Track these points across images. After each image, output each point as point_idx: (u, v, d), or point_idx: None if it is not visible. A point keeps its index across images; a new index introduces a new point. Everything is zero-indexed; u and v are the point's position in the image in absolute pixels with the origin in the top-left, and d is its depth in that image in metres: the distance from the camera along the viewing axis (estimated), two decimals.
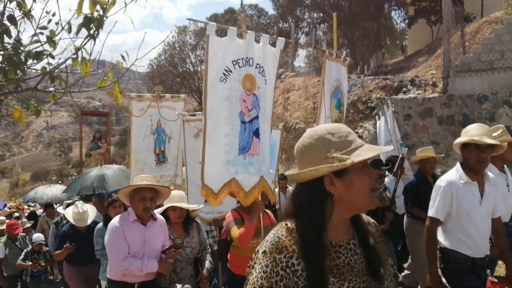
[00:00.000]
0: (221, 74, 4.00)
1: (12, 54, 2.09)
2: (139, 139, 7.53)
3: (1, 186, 49.74)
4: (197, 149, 5.91)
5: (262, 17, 40.97)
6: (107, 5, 2.04)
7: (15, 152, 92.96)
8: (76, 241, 5.80)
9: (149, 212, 3.91)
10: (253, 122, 4.31)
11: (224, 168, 4.07)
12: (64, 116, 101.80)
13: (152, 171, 7.33)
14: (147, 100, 7.57)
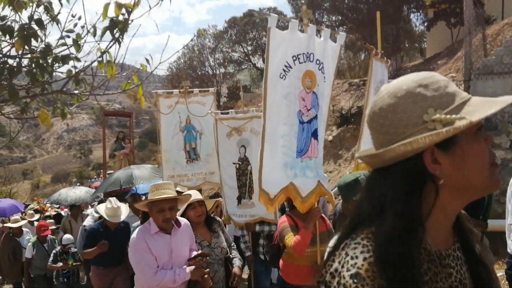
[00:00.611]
0: (281, 70, 3.76)
1: (40, 57, 2.13)
2: (168, 137, 7.29)
3: (23, 187, 50.67)
4: (231, 149, 5.96)
5: (281, 20, 40.93)
6: (132, 8, 2.07)
7: (36, 154, 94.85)
8: (106, 239, 5.56)
9: (171, 223, 3.62)
10: (311, 122, 4.03)
11: (281, 171, 3.82)
12: (84, 118, 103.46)
13: (184, 169, 7.22)
14: (175, 96, 7.29)
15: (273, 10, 41.64)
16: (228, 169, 6.03)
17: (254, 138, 5.77)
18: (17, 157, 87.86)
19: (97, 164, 65.04)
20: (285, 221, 4.02)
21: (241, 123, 5.94)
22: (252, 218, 5.77)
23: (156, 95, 7.24)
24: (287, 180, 3.80)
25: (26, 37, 1.99)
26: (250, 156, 5.88)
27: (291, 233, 3.84)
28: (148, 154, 43.83)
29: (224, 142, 6.05)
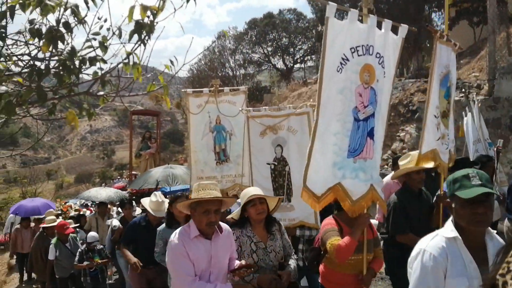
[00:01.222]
0: (338, 63, 3.48)
1: (67, 59, 2.17)
2: (198, 137, 7.00)
3: (47, 187, 51.77)
4: (264, 148, 5.67)
5: (301, 21, 40.88)
6: (157, 10, 2.09)
7: (60, 154, 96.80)
8: (144, 235, 5.36)
9: (214, 227, 3.31)
10: (368, 120, 3.70)
11: (329, 170, 3.54)
12: (107, 120, 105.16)
13: (213, 171, 6.97)
14: (205, 95, 6.96)
15: (294, 11, 41.57)
16: (262, 170, 5.73)
17: (291, 137, 5.51)
18: (42, 157, 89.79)
19: (119, 165, 65.97)
20: (330, 223, 3.71)
21: (277, 121, 5.62)
22: (292, 222, 5.45)
23: (185, 94, 7.02)
24: (333, 180, 3.54)
25: (53, 39, 2.03)
26: (288, 156, 5.57)
27: (335, 237, 3.54)
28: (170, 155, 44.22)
29: (257, 141, 5.74)
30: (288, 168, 5.55)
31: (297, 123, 5.47)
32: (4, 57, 2.27)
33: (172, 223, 4.82)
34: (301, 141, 5.35)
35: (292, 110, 5.58)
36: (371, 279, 3.84)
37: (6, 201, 26.22)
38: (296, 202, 5.40)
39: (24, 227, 10.94)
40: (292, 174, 5.50)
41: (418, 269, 2.23)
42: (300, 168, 5.12)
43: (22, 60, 2.35)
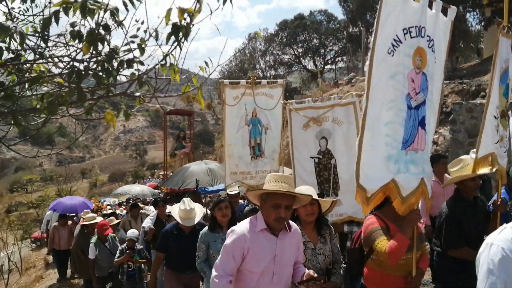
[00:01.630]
0: (390, 45, 3.21)
1: (105, 61, 2.22)
2: (233, 130, 6.69)
3: (82, 186, 53.19)
4: (308, 141, 5.45)
5: (332, 22, 40.61)
6: (193, 13, 2.12)
7: (94, 154, 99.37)
8: (178, 242, 5.21)
9: (283, 223, 3.04)
10: (419, 108, 3.42)
11: (383, 165, 3.24)
12: (140, 120, 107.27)
13: (247, 166, 6.72)
14: (242, 87, 6.69)
15: (324, 13, 41.33)
16: (305, 164, 5.48)
17: (337, 129, 5.29)
18: (77, 156, 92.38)
19: (151, 164, 67.18)
20: (374, 222, 3.44)
21: (321, 112, 5.37)
22: (340, 217, 5.20)
23: (222, 85, 6.71)
24: (389, 176, 3.22)
25: (94, 41, 2.08)
26: (333, 148, 5.34)
27: (383, 237, 3.28)
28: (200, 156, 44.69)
29: (300, 134, 5.50)
30: (334, 161, 5.33)
31: (343, 113, 5.26)
32: (45, 59, 2.35)
33: (215, 227, 4.69)
34: (348, 132, 5.20)
35: (337, 101, 5.35)
36: (421, 280, 3.63)
37: (43, 199, 27.10)
38: (344, 197, 5.25)
39: (62, 225, 11.17)
40: (339, 167, 5.29)
41: (485, 264, 2.07)
42: (347, 160, 5.11)
43: (62, 62, 2.43)
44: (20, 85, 2.43)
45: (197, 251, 4.64)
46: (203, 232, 4.71)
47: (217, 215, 4.64)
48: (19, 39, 2.06)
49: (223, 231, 4.54)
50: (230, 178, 6.67)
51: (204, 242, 4.62)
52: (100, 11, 2.17)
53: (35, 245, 20.29)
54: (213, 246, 4.56)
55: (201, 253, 4.61)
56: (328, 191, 5.36)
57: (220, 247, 4.30)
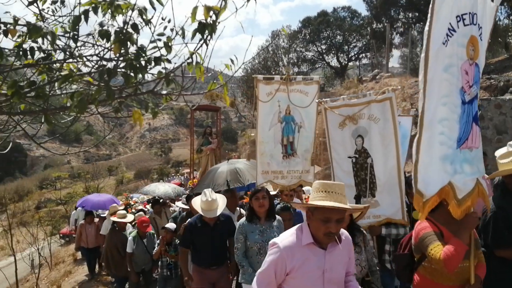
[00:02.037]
0: (444, 34, 2.95)
1: (133, 59, 2.25)
2: (265, 128, 6.45)
3: (109, 183, 54.19)
4: (344, 141, 5.27)
5: (355, 18, 40.15)
6: (219, 10, 2.13)
7: (120, 151, 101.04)
8: (202, 236, 5.08)
9: (333, 238, 2.71)
10: (473, 103, 3.16)
11: (440, 167, 2.98)
12: (165, 118, 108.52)
13: (279, 165, 6.46)
14: (276, 83, 6.42)
15: (348, 9, 40.88)
16: (343, 164, 5.27)
17: (373, 126, 5.09)
18: (103, 154, 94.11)
19: (176, 162, 67.89)
20: (427, 227, 3.17)
21: (356, 109, 5.16)
22: (377, 219, 4.97)
23: (256, 80, 6.43)
24: (446, 178, 2.97)
25: (123, 41, 2.11)
26: (370, 146, 5.13)
27: (438, 243, 3.01)
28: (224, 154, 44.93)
29: (336, 134, 5.29)
30: (371, 160, 5.11)
31: (379, 110, 5.06)
32: (75, 58, 2.40)
33: (253, 218, 4.63)
34: (384, 130, 5.01)
35: (373, 97, 5.15)
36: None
37: (71, 195, 27.76)
38: (381, 197, 5.06)
39: (88, 222, 11.24)
40: (375, 166, 5.08)
41: None
42: (384, 159, 5.01)
43: (91, 61, 2.48)
44: (50, 84, 2.49)
45: (235, 243, 4.59)
46: (241, 223, 4.64)
47: (254, 205, 4.56)
48: (50, 39, 2.10)
49: (260, 222, 4.60)
50: (262, 177, 6.48)
51: (242, 233, 4.55)
52: (128, 10, 2.21)
53: (63, 241, 20.81)
54: (250, 238, 4.54)
55: (240, 244, 4.54)
56: (365, 192, 5.15)
57: (258, 239, 4.51)
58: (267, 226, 4.61)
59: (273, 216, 4.69)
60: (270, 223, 4.64)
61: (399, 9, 31.22)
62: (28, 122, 2.67)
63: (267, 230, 4.57)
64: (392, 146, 4.93)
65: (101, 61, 2.42)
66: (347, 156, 5.25)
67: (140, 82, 2.41)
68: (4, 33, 2.04)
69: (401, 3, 30.33)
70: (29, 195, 54.95)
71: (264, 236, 4.51)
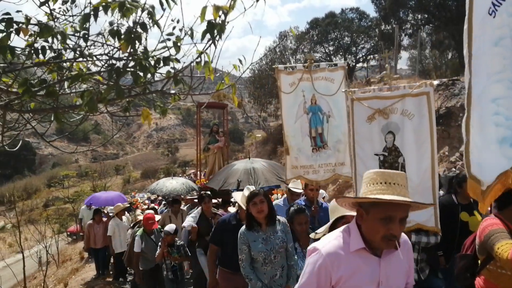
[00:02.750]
0: (490, 4, 2.71)
1: (142, 59, 2.27)
2: (290, 121, 6.03)
3: (116, 182, 54.47)
4: (372, 136, 4.84)
5: (364, 19, 40.07)
6: (228, 10, 2.14)
7: (127, 151, 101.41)
8: (234, 236, 4.45)
9: (394, 242, 2.15)
10: None
11: (497, 150, 2.68)
12: (171, 118, 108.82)
13: (309, 159, 5.95)
14: (298, 72, 5.96)
15: (356, 10, 40.81)
16: (368, 162, 4.82)
17: (406, 123, 4.67)
18: (111, 153, 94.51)
19: (182, 162, 68.00)
20: (494, 223, 2.78)
21: (388, 103, 4.75)
22: (407, 225, 3.71)
23: (277, 71, 6.03)
24: (505, 163, 2.62)
25: (132, 39, 2.14)
26: (402, 145, 4.72)
27: (508, 241, 2.61)
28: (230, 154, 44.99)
29: (363, 128, 4.85)
30: (402, 159, 4.71)
31: (414, 105, 4.66)
32: (85, 57, 2.43)
33: (253, 225, 4.21)
34: (419, 127, 4.62)
35: (408, 90, 4.74)
36: None
37: (79, 194, 27.94)
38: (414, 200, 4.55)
39: (97, 222, 11.01)
40: (407, 167, 4.66)
41: None
42: (418, 159, 4.61)
43: (101, 60, 2.50)
44: (60, 83, 2.52)
45: (239, 254, 4.16)
46: (242, 232, 4.22)
47: (252, 211, 4.15)
48: (61, 39, 2.13)
49: (262, 229, 4.21)
50: (291, 172, 6.02)
51: (244, 243, 4.16)
52: (138, 10, 2.23)
53: (71, 239, 20.96)
54: (253, 247, 4.13)
55: (244, 255, 4.13)
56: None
57: (262, 248, 4.09)
58: (270, 232, 4.20)
59: (274, 220, 4.25)
60: (273, 228, 4.22)
61: (408, 11, 31.10)
62: (38, 121, 2.70)
63: (270, 237, 4.17)
64: (427, 146, 4.55)
65: (111, 60, 2.44)
66: (374, 154, 4.84)
67: (149, 81, 2.43)
68: (16, 32, 2.07)
69: (410, 5, 30.20)
70: (37, 193, 55.38)
71: (269, 244, 4.13)
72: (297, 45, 40.44)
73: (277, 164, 10.41)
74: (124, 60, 2.30)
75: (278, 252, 4.14)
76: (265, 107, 42.30)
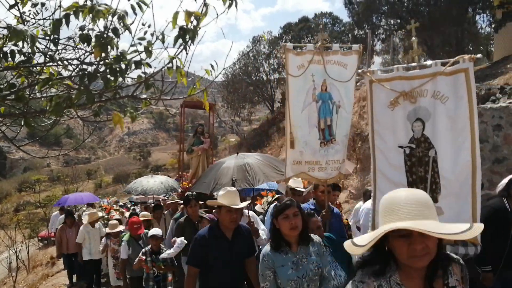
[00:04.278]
0: None
1: (113, 63, 2.28)
2: (297, 109, 5.12)
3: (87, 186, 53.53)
4: (396, 124, 4.07)
5: (337, 24, 40.70)
6: (200, 16, 2.17)
7: (99, 155, 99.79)
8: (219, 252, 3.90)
9: None
10: None
11: None
12: (144, 122, 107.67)
13: (315, 154, 5.10)
14: (308, 53, 5.15)
15: (329, 15, 41.41)
16: (391, 156, 4.05)
17: (439, 107, 3.83)
18: (83, 157, 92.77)
19: (155, 166, 67.28)
20: None
21: (416, 83, 3.93)
22: None
23: (285, 50, 5.19)
24: None
25: (103, 45, 2.14)
26: (433, 134, 3.87)
27: None
28: None
29: (385, 115, 4.07)
30: (434, 152, 3.86)
31: (449, 85, 3.82)
32: (55, 62, 2.41)
33: (281, 245, 3.27)
34: (456, 112, 3.76)
35: (440, 68, 3.85)
36: None
37: (50, 198, 27.40)
38: (446, 203, 3.76)
39: (69, 225, 10.10)
40: (440, 162, 3.83)
41: None
42: (454, 151, 3.79)
43: (72, 64, 2.49)
44: (30, 87, 2.49)
45: (261, 282, 3.27)
46: (266, 253, 3.28)
47: (282, 227, 3.22)
48: (31, 42, 2.11)
49: (292, 250, 3.25)
50: (291, 169, 5.13)
51: (269, 268, 3.22)
52: (109, 15, 2.23)
53: (42, 244, 20.48)
54: (281, 274, 3.19)
55: (269, 283, 3.23)
56: None
57: (292, 274, 3.16)
58: (303, 254, 3.25)
59: (307, 239, 3.33)
60: (306, 250, 3.28)
61: (380, 16, 31.66)
62: (7, 125, 2.66)
63: (303, 260, 3.22)
64: (466, 135, 3.71)
65: (82, 65, 2.43)
66: (398, 146, 4.03)
67: (120, 86, 2.43)
68: None
69: (383, 10, 30.78)
70: (8, 197, 54.03)
71: (300, 269, 3.18)
72: (270, 49, 40.74)
73: (271, 157, 9.42)
74: (95, 64, 2.30)
75: (312, 281, 3.21)
76: (238, 111, 42.40)
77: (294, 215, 3.18)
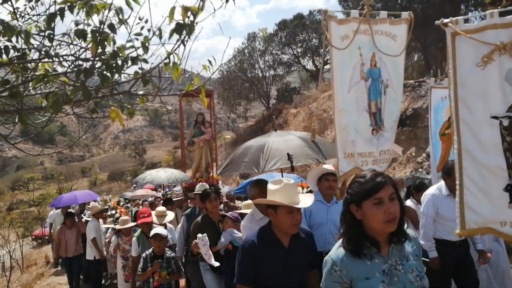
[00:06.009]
0: None
1: (110, 59, 2.24)
2: (343, 89, 4.12)
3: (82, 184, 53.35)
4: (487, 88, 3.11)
5: None
6: (197, 11, 2.14)
7: (94, 153, 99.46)
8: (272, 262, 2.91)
9: None
10: None
11: None
12: (139, 119, 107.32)
13: (367, 143, 4.22)
14: (354, 20, 4.16)
15: (324, 12, 41.45)
16: (480, 130, 3.14)
17: None
18: (77, 155, 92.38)
19: (150, 164, 67.18)
20: None
21: None
22: None
23: (327, 17, 4.12)
24: None
25: (100, 41, 2.11)
26: None
27: None
28: None
29: (473, 76, 3.12)
30: None
31: None
32: (50, 58, 2.38)
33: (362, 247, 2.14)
34: None
35: None
36: None
37: (44, 197, 27.28)
38: None
39: (68, 227, 9.15)
40: None
41: None
42: None
43: (67, 61, 2.46)
44: (25, 84, 2.46)
45: None
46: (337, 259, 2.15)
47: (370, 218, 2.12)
48: (25, 38, 2.08)
49: (381, 253, 2.14)
50: (347, 163, 4.13)
51: (341, 283, 2.13)
52: (105, 10, 2.20)
53: (36, 243, 20.39)
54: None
55: None
56: None
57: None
58: (397, 258, 2.15)
59: (403, 234, 2.21)
60: (401, 251, 2.18)
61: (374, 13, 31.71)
62: (1, 122, 2.63)
63: (398, 268, 2.12)
64: None
65: (77, 61, 2.40)
66: (491, 116, 3.09)
67: (117, 82, 2.40)
68: None
69: (377, 7, 30.91)
70: (1, 196, 53.75)
71: (396, 282, 2.08)
72: (266, 46, 40.71)
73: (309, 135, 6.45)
74: (91, 61, 2.27)
75: None
76: (234, 108, 42.38)
77: (390, 198, 2.08)
